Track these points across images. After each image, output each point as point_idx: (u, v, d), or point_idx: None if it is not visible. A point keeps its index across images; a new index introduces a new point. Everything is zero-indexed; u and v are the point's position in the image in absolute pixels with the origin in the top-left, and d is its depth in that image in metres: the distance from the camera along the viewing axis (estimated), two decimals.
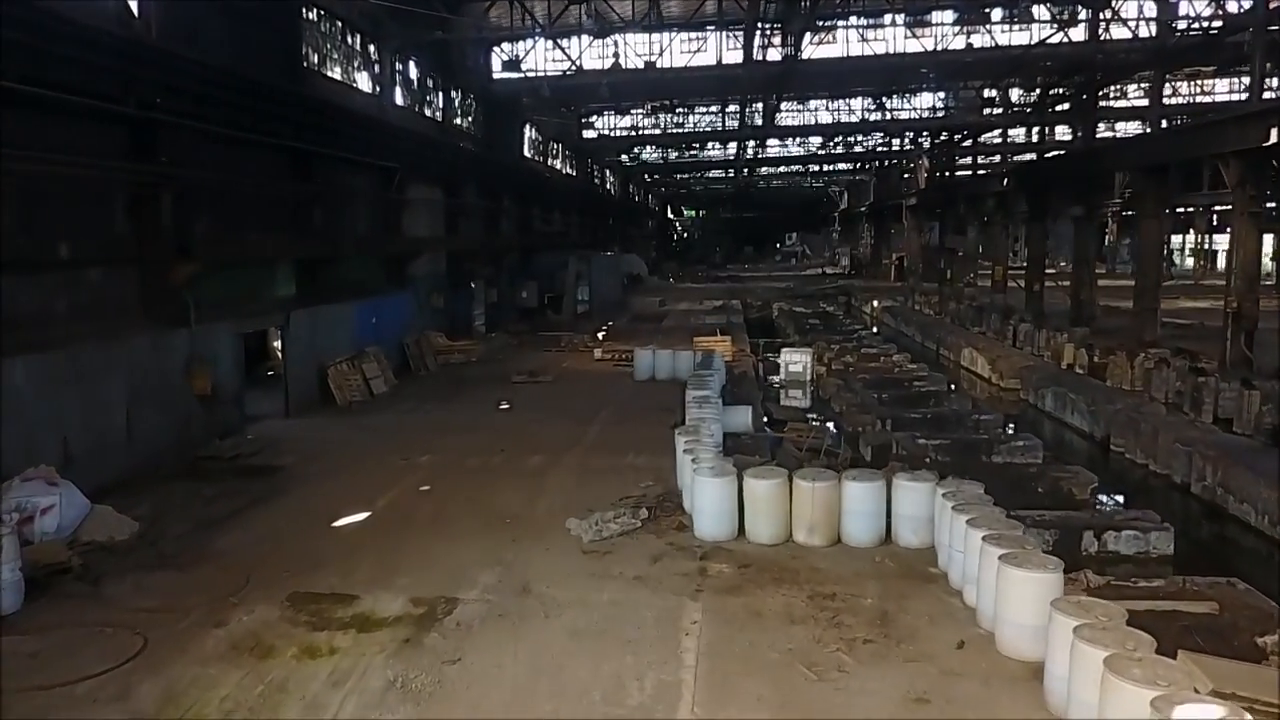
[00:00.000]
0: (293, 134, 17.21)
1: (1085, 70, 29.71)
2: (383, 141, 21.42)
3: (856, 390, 20.35)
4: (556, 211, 44.15)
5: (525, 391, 19.68)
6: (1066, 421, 18.83)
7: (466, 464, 13.51)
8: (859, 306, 47.97)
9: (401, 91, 25.15)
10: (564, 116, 39.08)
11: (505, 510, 11.17)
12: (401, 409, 17.94)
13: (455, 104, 29.79)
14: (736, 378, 21.07)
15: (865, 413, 18.16)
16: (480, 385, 20.65)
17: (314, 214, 18.36)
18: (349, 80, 21.54)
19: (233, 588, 8.72)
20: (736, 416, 15.10)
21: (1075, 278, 31.14)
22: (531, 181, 37.68)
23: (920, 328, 33.86)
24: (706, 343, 24.16)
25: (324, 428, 16.22)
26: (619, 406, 17.80)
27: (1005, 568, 7.22)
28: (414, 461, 13.66)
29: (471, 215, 29.55)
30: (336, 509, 11.25)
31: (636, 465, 13.20)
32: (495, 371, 22.47)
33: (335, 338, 18.86)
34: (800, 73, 30.58)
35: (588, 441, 14.89)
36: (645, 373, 21.19)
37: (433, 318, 26.01)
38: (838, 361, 24.50)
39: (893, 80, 35.90)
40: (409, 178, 23.60)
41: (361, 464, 13.60)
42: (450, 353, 24.14)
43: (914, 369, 24.26)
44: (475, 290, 30.26)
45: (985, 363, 24.77)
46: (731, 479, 9.98)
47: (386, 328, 21.61)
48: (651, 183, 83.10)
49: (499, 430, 15.77)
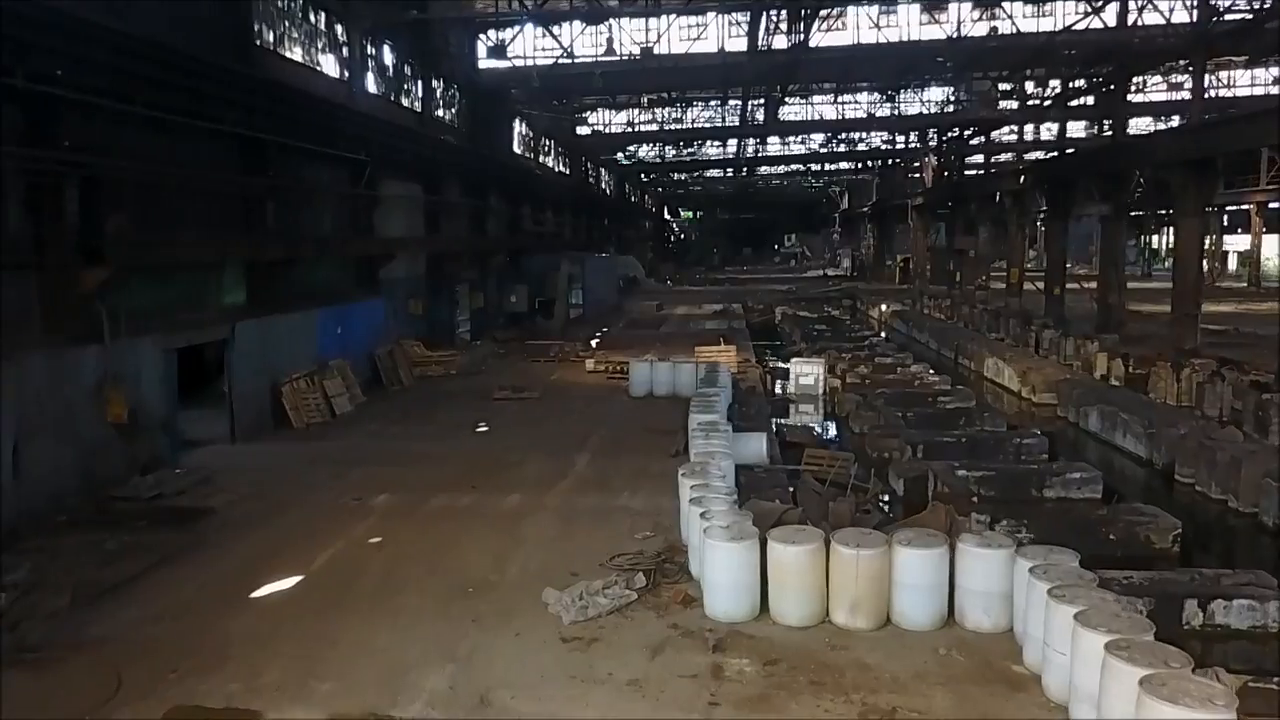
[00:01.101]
0: (241, 120, 15.08)
1: (1114, 59, 27.64)
2: (351, 131, 19.28)
3: (878, 408, 18.25)
4: (548, 211, 42.00)
5: (507, 411, 17.57)
6: (1116, 444, 16.74)
7: (430, 506, 11.39)
8: (865, 310, 45.91)
9: (375, 78, 23.01)
10: (556, 110, 36.91)
11: (469, 573, 9.04)
12: (365, 432, 15.82)
13: (437, 94, 27.64)
14: (744, 394, 18.98)
15: (891, 435, 16.05)
16: (458, 402, 18.54)
17: (267, 211, 16.22)
18: (312, 63, 19.40)
19: (96, 697, 6.60)
20: (749, 446, 12.99)
21: (1102, 280, 29.10)
22: (521, 179, 35.52)
23: (935, 334, 31.76)
24: (709, 353, 22.06)
25: (273, 456, 14.10)
26: (612, 429, 15.69)
27: (1153, 701, 5.11)
28: (368, 502, 11.54)
29: (454, 214, 27.42)
30: (262, 571, 9.12)
31: (631, 508, 11.09)
32: (476, 386, 20.35)
33: (293, 350, 16.72)
34: (808, 62, 28.51)
35: (574, 475, 12.77)
36: (642, 387, 19.09)
37: (410, 325, 23.86)
38: (852, 373, 22.39)
39: (906, 71, 33.82)
40: (382, 172, 21.46)
41: (306, 505, 11.48)
42: (428, 364, 22.00)
43: (936, 381, 22.19)
44: (458, 295, 28.13)
45: (1013, 374, 22.67)
46: (752, 544, 7.87)
47: (355, 338, 19.48)
48: (648, 182, 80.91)
49: (473, 460, 13.65)
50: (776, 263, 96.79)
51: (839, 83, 38.30)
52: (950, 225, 47.23)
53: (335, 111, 18.39)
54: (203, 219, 14.78)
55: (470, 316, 29.37)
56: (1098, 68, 29.67)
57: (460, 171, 27.52)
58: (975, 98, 39.65)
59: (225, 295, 15.50)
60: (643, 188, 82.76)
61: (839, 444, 18.12)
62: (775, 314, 43.91)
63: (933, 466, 13.56)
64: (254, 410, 15.36)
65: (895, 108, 41.46)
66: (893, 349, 27.83)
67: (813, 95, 43.92)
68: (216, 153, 15.22)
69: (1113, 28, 26.67)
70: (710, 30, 29.58)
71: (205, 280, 14.81)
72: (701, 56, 30.48)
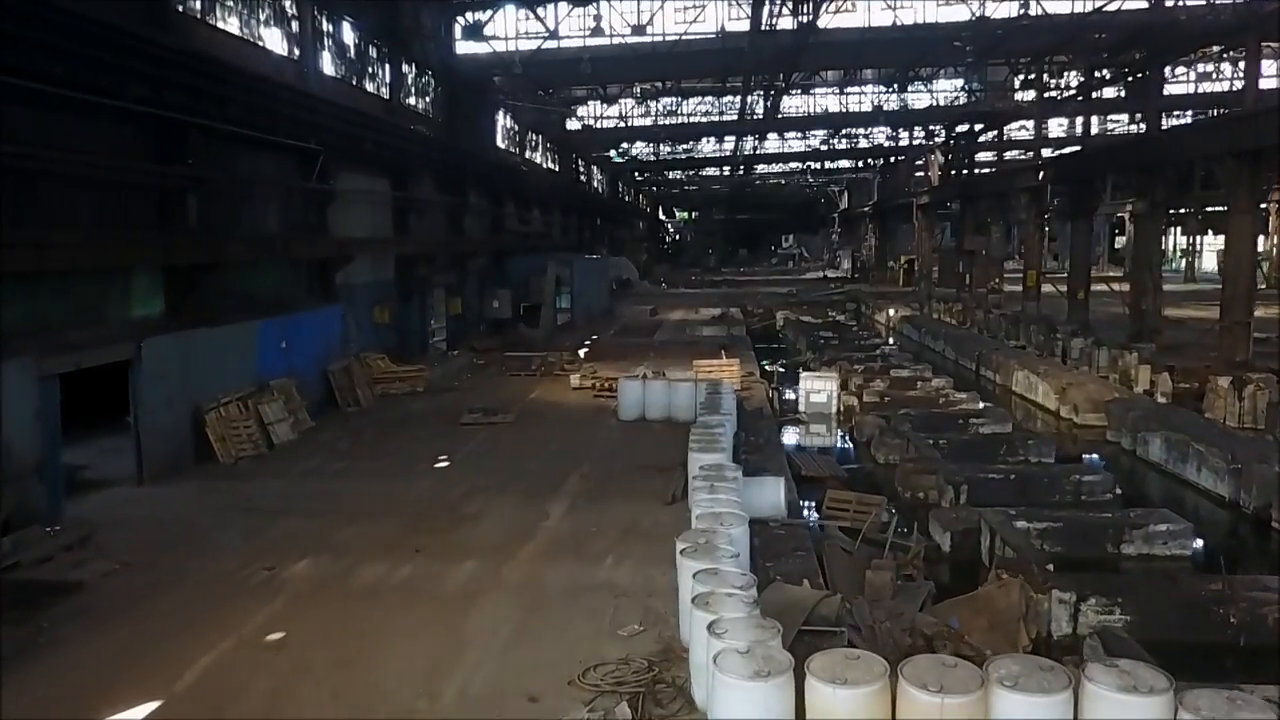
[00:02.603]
0: (150, 97, 12.60)
1: (1150, 42, 25.26)
2: (299, 116, 16.80)
3: (904, 433, 15.79)
4: (535, 210, 39.48)
5: (475, 439, 15.08)
6: (1187, 479, 14.32)
7: (357, 579, 8.91)
8: (871, 315, 43.48)
9: (333, 59, 20.51)
10: (542, 102, 34.37)
11: (390, 700, 6.57)
12: (302, 469, 13.31)
13: (408, 80, 25.13)
14: (750, 416, 16.53)
15: (926, 471, 13.58)
16: (420, 427, 16.07)
17: (189, 206, 13.72)
18: (252, 36, 16.91)
19: None
20: (763, 494, 10.52)
21: (1135, 283, 26.73)
22: (505, 175, 33.00)
23: (953, 343, 29.33)
24: (709, 368, 19.59)
25: (183, 503, 11.60)
26: (596, 465, 13.21)
27: None
28: (281, 574, 9.05)
29: (427, 212, 24.92)
30: (109, 691, 6.67)
31: (615, 585, 8.64)
32: (444, 406, 17.88)
33: (222, 370, 14.21)
34: (816, 46, 26.04)
35: (545, 532, 10.30)
36: (633, 410, 16.62)
37: (375, 336, 21.38)
38: (869, 390, 19.93)
39: (920, 57, 31.37)
40: (340, 164, 18.99)
41: (202, 577, 9.00)
42: (391, 381, 19.49)
43: (963, 399, 19.76)
44: (433, 301, 25.64)
45: (1049, 390, 20.22)
46: (784, 683, 5.41)
47: (305, 352, 16.98)
48: (642, 181, 78.39)
49: (423, 509, 11.17)
50: (774, 264, 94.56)
51: (847, 69, 35.80)
52: (959, 225, 44.86)
53: (277, 92, 15.89)
54: (107, 215, 12.31)
55: (447, 324, 26.87)
56: (1129, 53, 27.28)
57: (434, 165, 25.04)
58: (988, 90, 37.24)
59: (135, 306, 13.00)
60: (636, 187, 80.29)
61: (853, 465, 15.71)
62: (776, 319, 41.54)
63: (985, 517, 11.10)
64: (169, 443, 12.86)
65: (903, 100, 38.98)
66: (909, 360, 25.39)
67: (815, 88, 41.55)
68: (126, 137, 12.75)
69: (1149, 7, 24.29)
70: (709, 10, 27.17)
71: (106, 289, 12.32)
72: (699, 41, 28.05)
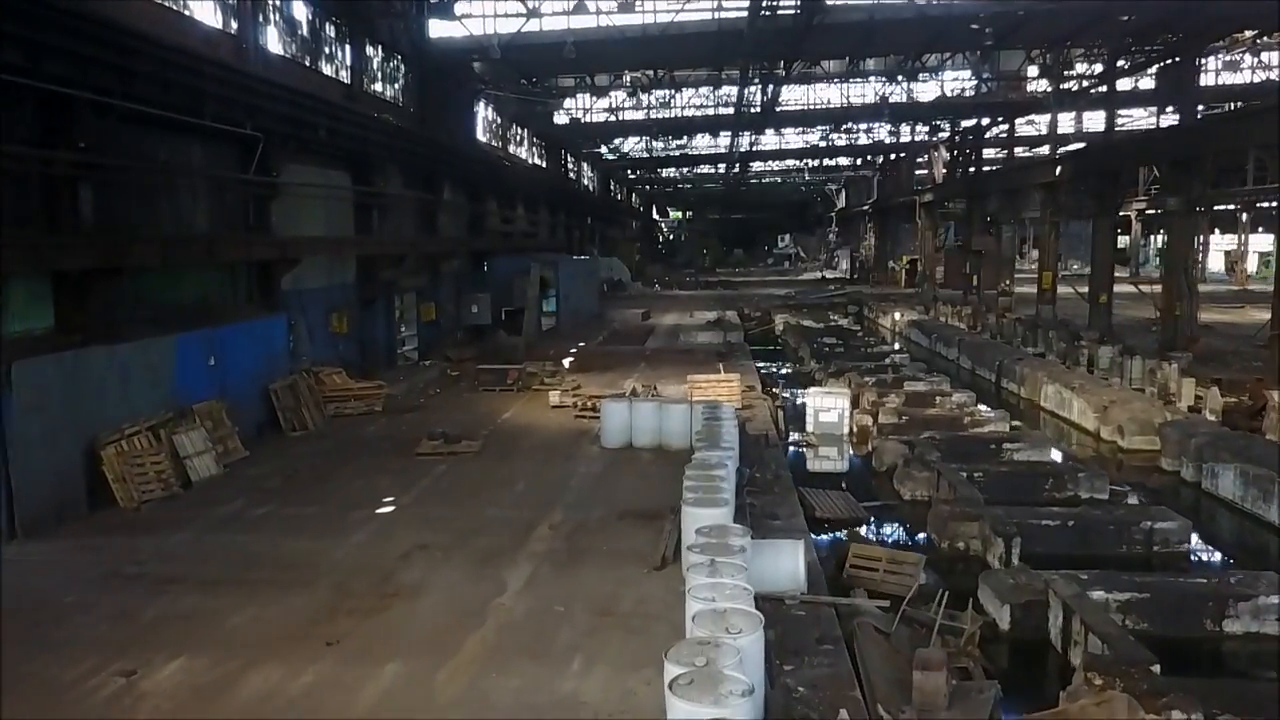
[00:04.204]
0: (27, 64, 10.34)
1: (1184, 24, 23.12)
2: (231, 97, 14.51)
3: (934, 464, 13.56)
4: (520, 208, 37.20)
5: (430, 475, 12.79)
6: (1268, 520, 12.13)
7: (238, 695, 6.64)
8: (874, 319, 41.31)
9: (282, 36, 18.21)
10: (526, 91, 32.04)
11: None
12: (218, 516, 11.01)
13: (373, 64, 22.84)
14: (753, 444, 14.26)
15: (965, 515, 11.33)
16: (369, 458, 13.80)
17: (81, 198, 11.42)
18: (177, 4, 14.61)
19: None
20: (778, 563, 8.26)
21: (1168, 287, 24.57)
22: (485, 170, 30.66)
23: (969, 351, 27.12)
24: (706, 384, 17.33)
25: (51, 569, 9.31)
26: (571, 514, 10.93)
27: None
28: (140, 684, 6.78)
29: (395, 209, 22.63)
30: None
31: (584, 703, 6.39)
32: (403, 429, 15.62)
33: (127, 394, 11.92)
34: (821, 29, 23.79)
35: (498, 616, 8.02)
36: (618, 436, 14.35)
37: (332, 347, 19.11)
38: (884, 409, 17.69)
39: (934, 40, 29.10)
40: (287, 154, 16.75)
41: (35, 689, 6.72)
42: (347, 399, 17.20)
43: (990, 417, 17.57)
44: (402, 307, 23.37)
45: (1086, 408, 18.01)
46: None
47: (241, 369, 14.69)
48: (634, 180, 76.00)
49: (349, 577, 8.89)
50: (770, 264, 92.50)
51: (852, 58, 33.48)
52: (965, 224, 42.74)
53: (201, 67, 13.55)
54: None
55: (418, 332, 24.61)
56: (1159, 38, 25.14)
57: (403, 157, 22.74)
58: (1001, 82, 35.05)
59: (12, 321, 10.74)
60: (629, 185, 77.98)
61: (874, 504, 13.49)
62: (775, 322, 39.38)
63: (1055, 588, 8.86)
64: (50, 488, 10.56)
65: (910, 90, 36.74)
66: (923, 370, 23.19)
67: (816, 81, 39.27)
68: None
69: None
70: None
71: None
72: (693, 23, 25.82)
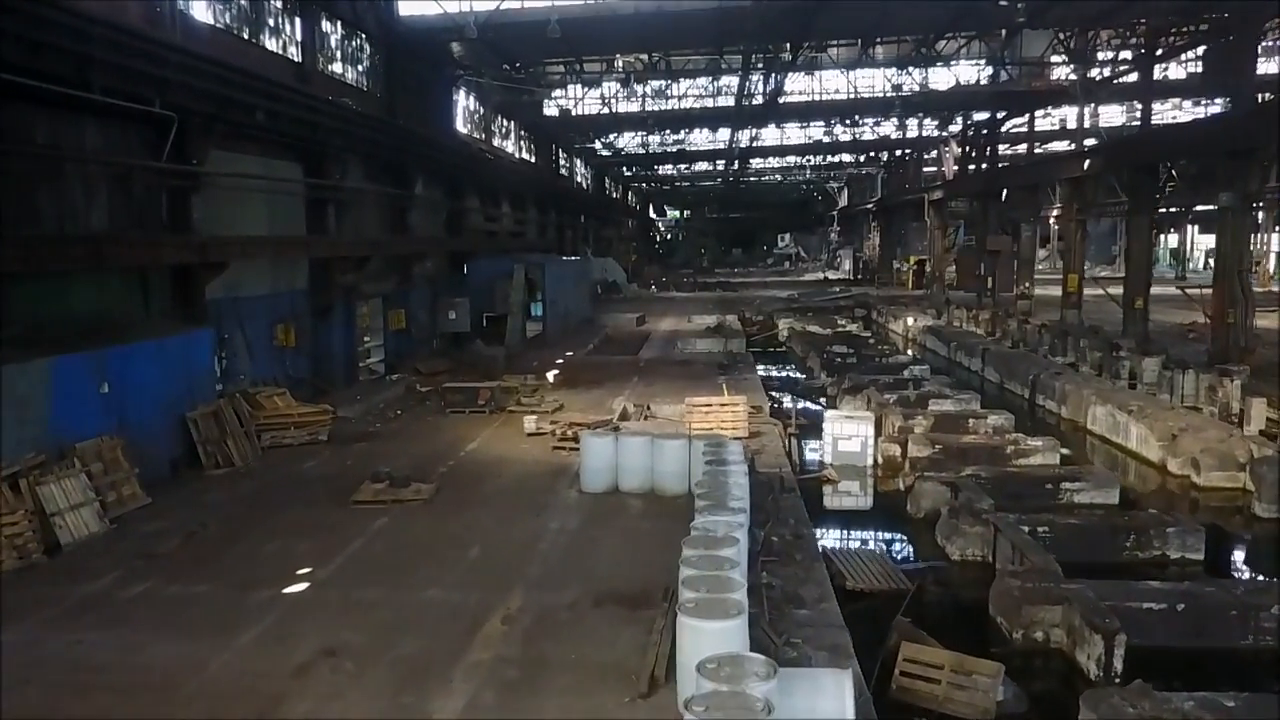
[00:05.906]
0: None
1: None
2: (135, 67, 12.01)
3: (987, 517, 11.06)
4: (506, 206, 34.69)
5: (366, 533, 10.26)
6: None
7: None
8: (884, 324, 38.81)
9: (212, 5, 15.68)
10: (509, 78, 29.51)
11: None
12: (74, 601, 8.47)
13: (331, 42, 20.32)
14: (765, 488, 11.73)
15: (1043, 597, 8.80)
16: (297, 506, 11.28)
17: None
18: None
19: None
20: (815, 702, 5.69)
21: (1219, 293, 22.09)
22: (464, 163, 28.11)
23: (996, 362, 24.62)
24: (707, 409, 14.80)
25: None
26: (533, 596, 8.39)
27: None
28: None
29: (356, 205, 20.13)
30: None
31: None
32: (347, 466, 13.11)
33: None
34: (832, 9, 21.36)
35: None
36: (601, 478, 11.82)
37: (277, 364, 16.63)
38: (916, 438, 15.18)
39: (957, 20, 26.65)
40: (214, 139, 14.24)
41: None
42: (286, 427, 14.67)
43: (1037, 446, 15.06)
44: (366, 315, 20.87)
45: (1149, 435, 15.52)
46: None
47: (147, 396, 12.18)
48: (630, 177, 73.44)
49: (214, 712, 6.38)
50: (769, 264, 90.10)
51: (866, 38, 30.93)
52: (976, 223, 40.31)
53: (86, 29, 11.01)
54: None
55: (386, 343, 22.11)
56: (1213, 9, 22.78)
57: (367, 148, 20.24)
58: (1023, 69, 32.58)
59: None
60: (625, 183, 75.43)
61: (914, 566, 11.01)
62: (779, 327, 36.87)
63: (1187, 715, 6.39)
64: None
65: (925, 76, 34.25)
66: (948, 386, 20.69)
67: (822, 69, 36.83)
68: None
69: None
70: None
71: None
72: (690, 1, 23.33)
